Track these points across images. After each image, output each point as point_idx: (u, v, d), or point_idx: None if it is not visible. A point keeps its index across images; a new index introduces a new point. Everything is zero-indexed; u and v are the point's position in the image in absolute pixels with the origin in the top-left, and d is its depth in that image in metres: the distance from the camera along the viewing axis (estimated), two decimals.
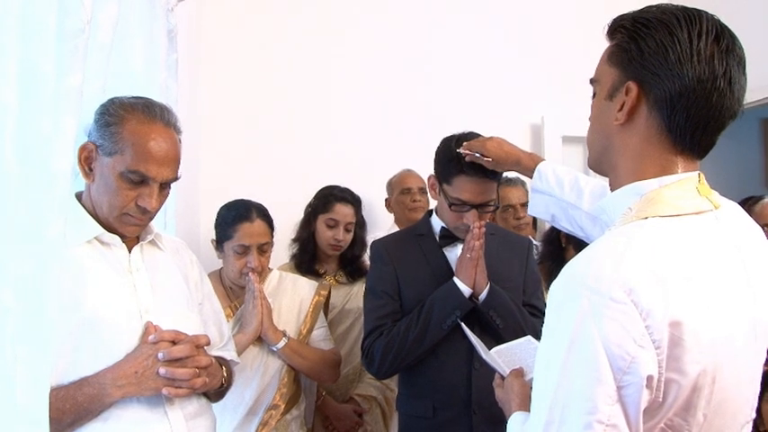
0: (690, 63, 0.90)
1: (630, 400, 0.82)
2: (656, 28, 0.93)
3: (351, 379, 2.65)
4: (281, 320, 2.19)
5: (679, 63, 0.90)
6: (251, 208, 2.20)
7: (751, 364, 0.95)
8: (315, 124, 3.53)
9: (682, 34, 0.91)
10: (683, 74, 0.90)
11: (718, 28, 0.93)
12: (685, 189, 0.94)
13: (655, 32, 0.93)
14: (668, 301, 0.82)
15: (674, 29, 0.92)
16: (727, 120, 0.95)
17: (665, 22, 0.93)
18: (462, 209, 1.83)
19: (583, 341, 0.83)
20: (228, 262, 2.19)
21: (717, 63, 0.91)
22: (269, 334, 2.11)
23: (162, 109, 1.46)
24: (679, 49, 0.91)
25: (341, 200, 2.68)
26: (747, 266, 0.95)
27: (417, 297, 1.88)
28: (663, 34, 0.92)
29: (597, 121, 1.05)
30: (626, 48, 0.97)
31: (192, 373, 1.40)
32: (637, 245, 0.87)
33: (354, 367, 2.63)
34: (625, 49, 0.97)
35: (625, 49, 0.97)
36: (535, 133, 3.95)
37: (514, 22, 3.94)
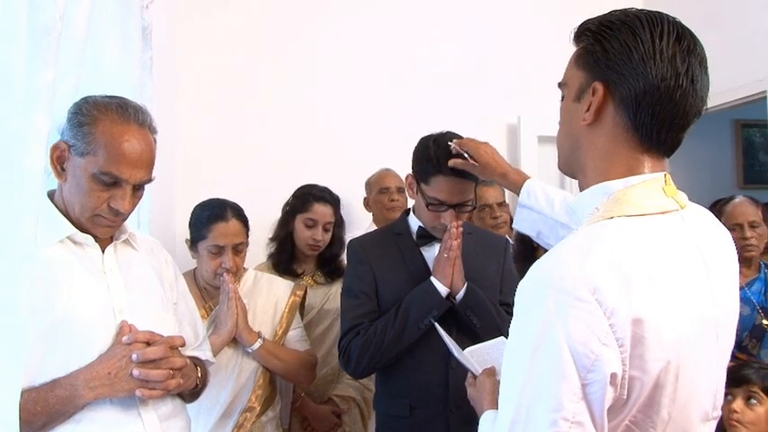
0: (653, 62, 0.93)
1: (595, 398, 0.83)
2: (620, 29, 0.96)
3: (329, 380, 2.64)
4: (256, 321, 2.17)
5: (643, 62, 0.93)
6: (226, 207, 2.17)
7: (713, 363, 0.97)
8: (293, 123, 3.52)
9: (644, 35, 0.94)
10: (647, 72, 0.93)
11: (679, 29, 0.96)
12: (651, 189, 0.96)
13: (618, 34, 0.96)
14: (631, 300, 0.84)
15: (637, 30, 0.94)
16: (692, 117, 0.97)
17: (629, 23, 0.96)
18: (440, 208, 1.84)
19: (548, 340, 0.84)
20: (203, 262, 2.16)
21: (679, 62, 0.93)
22: (244, 335, 2.09)
23: (136, 109, 1.43)
24: (642, 49, 0.93)
25: (319, 199, 2.66)
26: (709, 266, 0.97)
27: (394, 296, 1.88)
28: (626, 35, 0.95)
29: (566, 123, 1.07)
30: (592, 50, 0.99)
31: (167, 375, 1.39)
32: (602, 244, 0.89)
33: (333, 368, 2.63)
34: (591, 51, 0.99)
35: (591, 51, 0.99)
36: (511, 133, 3.98)
37: (491, 22, 3.96)
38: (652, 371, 0.86)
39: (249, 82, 3.47)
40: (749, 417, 2.03)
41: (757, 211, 2.75)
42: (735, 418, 2.03)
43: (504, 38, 3.91)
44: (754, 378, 2.07)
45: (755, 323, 2.60)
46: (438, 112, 3.51)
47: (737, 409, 2.04)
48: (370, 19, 3.76)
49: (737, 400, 2.05)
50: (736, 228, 2.72)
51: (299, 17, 3.61)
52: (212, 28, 3.43)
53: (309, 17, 3.64)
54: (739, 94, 3.52)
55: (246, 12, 3.51)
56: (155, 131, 1.50)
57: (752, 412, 2.03)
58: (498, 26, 3.94)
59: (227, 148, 3.37)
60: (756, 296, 2.66)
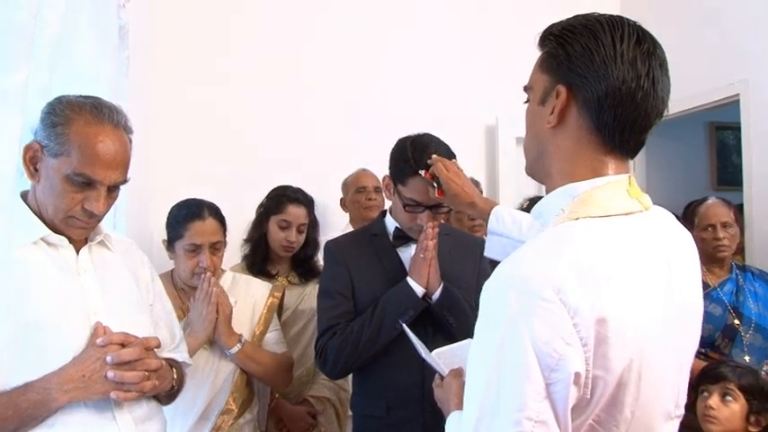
0: (614, 64, 0.94)
1: (559, 397, 0.84)
2: (582, 33, 0.97)
3: (304, 381, 2.64)
4: (234, 322, 2.15)
5: (604, 65, 0.94)
6: (202, 206, 2.16)
7: (676, 362, 0.99)
8: (269, 124, 3.51)
9: (605, 38, 0.95)
10: (609, 75, 0.94)
11: (639, 32, 0.98)
12: (616, 191, 0.98)
13: (580, 37, 0.97)
14: (595, 300, 0.85)
15: (599, 33, 0.96)
16: (653, 118, 0.98)
17: (590, 27, 0.97)
18: (416, 209, 1.84)
19: (512, 339, 0.85)
20: (180, 262, 2.15)
21: (639, 64, 0.95)
22: (224, 338, 2.07)
23: (111, 109, 1.42)
24: (603, 51, 0.95)
25: (293, 201, 2.66)
26: (673, 267, 0.98)
27: (371, 297, 1.88)
28: (588, 39, 0.96)
29: (531, 127, 1.09)
30: (555, 54, 1.01)
31: (142, 376, 1.38)
32: (566, 245, 0.90)
33: (308, 369, 2.62)
34: (554, 54, 1.01)
35: (554, 55, 1.01)
36: (489, 134, 4.00)
37: (469, 23, 3.97)
38: (615, 370, 0.87)
39: (226, 82, 3.45)
40: (725, 413, 2.07)
41: (729, 212, 2.79)
42: (711, 415, 2.07)
43: (482, 39, 3.92)
44: (730, 376, 2.11)
45: (727, 323, 2.62)
46: (416, 113, 3.53)
47: (714, 406, 2.08)
48: (347, 19, 3.75)
49: (714, 397, 2.10)
50: (709, 228, 2.76)
51: (276, 17, 3.60)
52: (190, 27, 3.41)
53: (287, 17, 3.63)
54: (713, 97, 3.57)
55: (224, 11, 3.50)
56: (130, 132, 1.48)
57: (727, 409, 2.07)
58: (476, 27, 3.96)
59: (204, 149, 3.35)
60: (728, 296, 2.69)
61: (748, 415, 2.07)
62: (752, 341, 2.60)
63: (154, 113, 3.17)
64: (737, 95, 3.40)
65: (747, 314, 2.65)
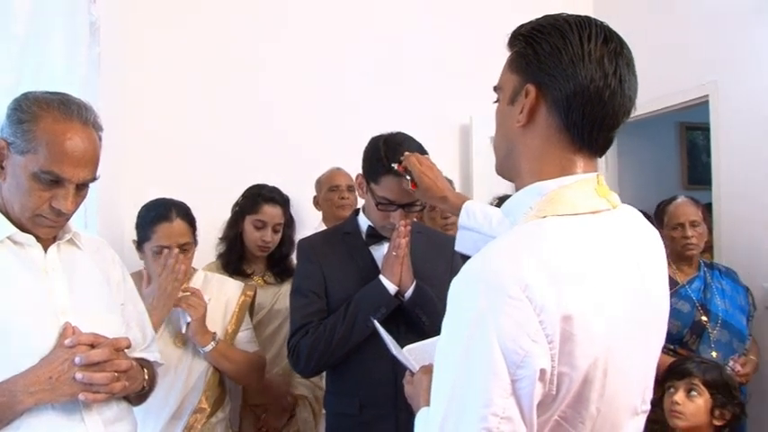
0: (582, 63, 0.95)
1: (524, 393, 0.84)
2: (550, 33, 0.98)
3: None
4: (207, 321, 2.13)
5: (572, 64, 0.95)
6: (170, 207, 2.13)
7: (642, 359, 1.00)
8: (244, 122, 3.50)
9: (573, 38, 0.96)
10: (577, 74, 0.95)
11: (606, 32, 0.99)
12: (584, 189, 0.99)
13: (549, 37, 0.98)
14: (561, 297, 0.85)
15: (566, 33, 0.97)
16: (621, 117, 0.99)
17: (558, 27, 0.98)
18: (389, 208, 1.85)
19: (479, 336, 0.85)
20: (149, 263, 2.13)
21: (607, 63, 0.96)
22: (198, 336, 2.06)
23: (80, 106, 1.39)
24: (571, 51, 0.96)
25: (269, 200, 2.65)
26: (640, 264, 1.00)
27: (344, 295, 1.88)
28: (556, 38, 0.97)
29: (501, 126, 1.09)
30: (524, 53, 1.01)
31: (111, 378, 1.36)
32: (534, 242, 0.91)
33: (284, 368, 2.61)
34: (523, 54, 1.02)
35: (523, 55, 1.02)
36: (464, 133, 4.02)
37: (444, 23, 3.99)
38: (581, 367, 0.87)
39: (200, 79, 3.43)
40: (690, 408, 2.11)
41: (697, 211, 2.84)
42: (676, 410, 2.11)
43: (456, 39, 3.94)
44: (695, 371, 2.15)
45: (695, 320, 2.67)
46: (390, 112, 3.53)
47: (679, 401, 2.12)
48: (322, 18, 3.75)
49: (679, 393, 2.13)
50: (678, 227, 2.81)
51: (250, 15, 3.59)
52: (163, 24, 3.38)
53: (261, 15, 3.61)
54: (683, 98, 3.62)
55: (197, 8, 3.47)
56: (100, 129, 1.45)
57: (692, 404, 2.11)
58: (451, 27, 3.97)
59: (177, 147, 3.32)
60: (696, 293, 2.74)
61: (713, 409, 2.11)
62: (719, 337, 2.65)
63: (126, 111, 3.14)
64: (707, 96, 3.45)
65: (714, 311, 2.70)
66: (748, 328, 2.76)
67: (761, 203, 3.14)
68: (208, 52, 3.47)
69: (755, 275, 3.07)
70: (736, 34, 3.27)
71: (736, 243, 3.28)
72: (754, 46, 3.17)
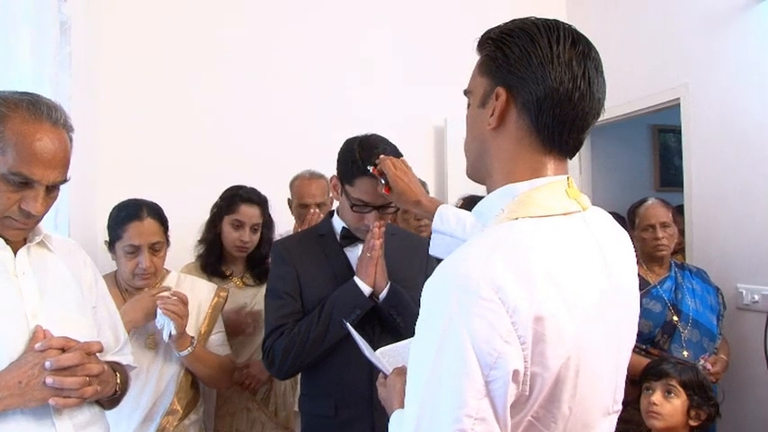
0: (551, 66, 0.96)
1: (498, 395, 0.85)
2: (519, 36, 1.00)
3: None
4: None
5: (541, 66, 0.97)
6: (141, 206, 2.13)
7: (613, 358, 1.02)
8: (218, 121, 3.48)
9: (542, 41, 0.98)
10: (546, 76, 0.97)
11: (574, 35, 1.00)
12: (555, 191, 1.00)
13: (518, 40, 0.99)
14: (533, 298, 0.86)
15: (535, 36, 0.98)
16: (591, 118, 1.01)
17: (527, 30, 1.00)
18: (364, 209, 1.85)
19: (452, 338, 0.85)
20: (120, 263, 2.12)
21: (575, 65, 0.97)
22: (179, 340, 2.05)
23: (49, 107, 1.37)
24: (540, 53, 0.97)
25: (246, 201, 2.64)
26: (610, 266, 1.01)
27: (318, 297, 1.88)
28: (525, 41, 0.99)
29: (472, 130, 1.10)
30: (493, 56, 1.03)
31: (82, 382, 1.35)
32: (505, 244, 0.91)
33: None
34: (493, 57, 1.03)
35: (493, 58, 1.03)
36: (438, 135, 4.04)
37: (418, 24, 4.01)
38: (553, 367, 0.88)
39: (175, 78, 3.41)
40: (667, 409, 2.14)
41: (668, 213, 2.88)
42: (654, 410, 2.14)
43: (431, 40, 3.96)
44: (672, 372, 2.18)
45: (666, 319, 2.71)
46: (365, 113, 3.54)
47: (657, 402, 2.15)
48: (297, 18, 3.75)
49: (657, 394, 2.16)
50: (649, 228, 2.85)
51: (224, 14, 3.57)
52: (136, 23, 3.35)
53: (235, 14, 3.60)
54: (655, 101, 3.68)
55: (171, 7, 3.45)
56: (71, 130, 1.43)
57: (669, 404, 2.14)
58: (425, 29, 3.99)
59: (151, 148, 3.30)
60: (667, 294, 2.78)
61: (689, 410, 2.15)
62: (689, 337, 2.70)
63: (98, 111, 3.11)
64: (678, 99, 3.51)
65: (685, 311, 2.74)
66: (718, 327, 2.80)
67: (731, 205, 3.19)
68: (182, 51, 3.45)
69: (726, 276, 3.13)
70: (707, 38, 3.33)
71: (707, 244, 3.34)
72: (725, 49, 3.23)
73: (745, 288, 3.09)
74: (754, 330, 3.01)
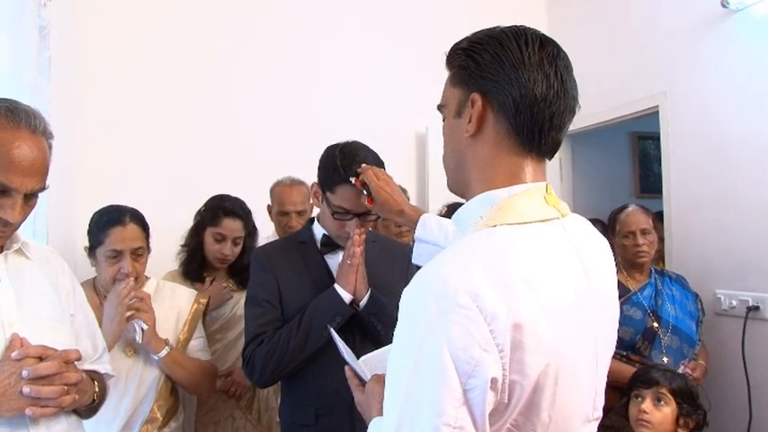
0: (523, 67, 0.99)
1: (476, 403, 0.85)
2: (488, 43, 1.02)
3: None
4: (159, 329, 2.12)
5: (514, 69, 0.99)
6: (123, 212, 2.12)
7: (593, 365, 1.02)
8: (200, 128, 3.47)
9: (512, 45, 1.00)
10: (520, 77, 0.98)
11: (542, 38, 1.03)
12: (533, 198, 1.01)
13: (488, 47, 1.02)
14: (511, 306, 0.87)
15: (504, 41, 1.01)
16: (567, 116, 1.03)
17: (496, 37, 1.02)
18: (345, 217, 1.86)
19: (430, 346, 0.86)
20: (101, 269, 2.11)
21: (547, 65, 1.00)
22: (152, 343, 2.05)
23: (28, 114, 1.36)
24: (511, 57, 0.99)
25: (229, 214, 2.64)
26: (589, 272, 1.02)
27: (298, 304, 1.88)
28: (495, 47, 1.01)
29: (450, 141, 1.12)
30: (465, 65, 1.04)
31: (60, 391, 1.34)
32: (483, 251, 0.92)
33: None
34: (464, 67, 1.05)
35: (464, 67, 1.05)
36: (420, 142, 4.06)
37: (400, 31, 4.02)
38: (531, 375, 0.89)
39: (155, 85, 3.40)
40: (657, 417, 2.15)
41: (648, 220, 2.91)
42: (644, 418, 2.14)
43: (413, 47, 3.97)
44: (662, 380, 2.19)
45: (647, 326, 2.73)
46: (346, 120, 3.54)
47: (647, 410, 2.15)
48: (278, 26, 3.75)
49: (647, 402, 2.17)
50: (629, 235, 2.88)
51: (205, 20, 3.56)
52: (117, 28, 3.33)
53: (215, 21, 3.59)
54: (634, 108, 3.73)
55: (152, 12, 3.43)
56: (50, 137, 1.42)
57: (659, 412, 2.15)
58: (407, 35, 4.01)
59: (132, 154, 3.28)
60: (648, 300, 2.81)
61: (678, 418, 2.16)
62: (669, 343, 2.72)
63: (78, 117, 3.09)
64: (657, 107, 3.55)
65: (665, 317, 2.77)
66: (698, 333, 2.83)
67: (710, 212, 3.23)
68: (164, 56, 3.43)
69: (705, 282, 3.17)
70: (685, 46, 3.38)
71: (686, 251, 3.38)
72: (703, 58, 3.29)
73: (723, 294, 3.13)
74: (731, 335, 3.06)
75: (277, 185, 3.13)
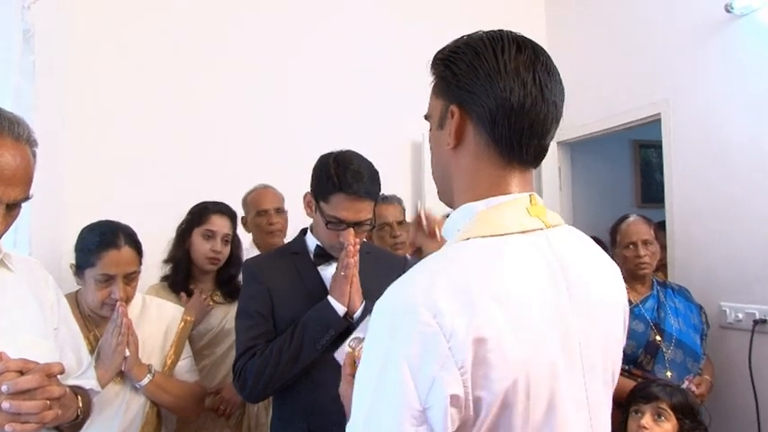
0: (498, 76, 0.99)
1: (437, 420, 0.85)
2: (465, 52, 1.02)
3: None
4: (145, 350, 2.09)
5: (489, 78, 0.99)
6: (118, 233, 2.05)
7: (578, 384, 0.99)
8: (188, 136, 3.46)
9: (487, 53, 1.00)
10: (495, 87, 0.99)
11: (519, 42, 1.02)
12: (514, 209, 1.01)
13: (464, 56, 1.02)
14: (472, 321, 0.86)
15: (480, 50, 1.01)
16: (549, 123, 1.02)
17: (472, 45, 1.03)
18: (338, 227, 1.86)
19: (391, 363, 0.87)
20: (89, 290, 2.05)
21: (523, 72, 0.99)
22: (134, 370, 2.02)
23: (11, 121, 1.34)
24: (486, 66, 0.99)
25: (217, 212, 2.66)
26: (572, 284, 1.00)
27: (291, 317, 1.88)
28: (471, 56, 1.01)
29: (435, 153, 1.13)
30: (443, 76, 1.06)
31: (42, 406, 1.32)
32: (452, 266, 0.93)
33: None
34: (443, 77, 1.06)
35: (443, 78, 1.06)
36: (415, 150, 4.07)
37: (396, 37, 4.04)
38: (497, 391, 0.88)
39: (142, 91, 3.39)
40: None
41: (650, 230, 2.92)
42: None
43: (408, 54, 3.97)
44: (662, 395, 2.18)
45: (649, 339, 2.73)
46: (342, 129, 3.55)
47: (647, 426, 2.15)
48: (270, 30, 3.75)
49: (647, 417, 2.17)
50: (630, 246, 2.89)
51: (195, 25, 3.57)
52: (104, 32, 3.33)
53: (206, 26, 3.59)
54: (636, 116, 3.74)
55: (141, 15, 3.44)
56: (34, 145, 1.41)
57: (660, 428, 2.15)
58: (403, 42, 4.02)
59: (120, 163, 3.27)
60: (650, 313, 2.81)
61: None
62: (673, 357, 2.72)
63: (64, 123, 3.08)
64: (659, 114, 3.57)
65: (669, 330, 2.77)
66: (702, 347, 2.83)
67: (714, 221, 3.24)
68: (150, 62, 3.43)
69: (709, 294, 3.17)
70: (688, 53, 3.41)
71: (689, 262, 3.39)
72: (706, 64, 3.30)
73: (728, 306, 3.14)
74: (738, 350, 3.06)
75: (250, 192, 3.17)
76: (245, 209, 3.17)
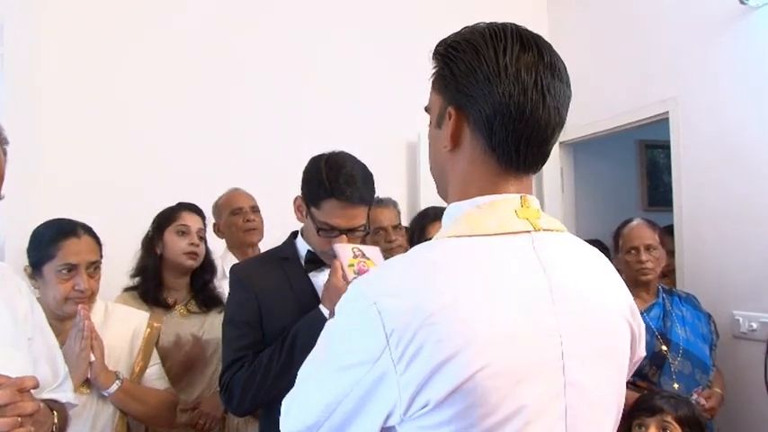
0: (498, 80, 0.96)
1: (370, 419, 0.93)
2: (465, 50, 1.00)
3: None
4: (111, 358, 2.06)
5: (488, 82, 0.97)
6: (75, 224, 2.06)
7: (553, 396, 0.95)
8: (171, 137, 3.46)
9: (488, 53, 0.98)
10: (493, 92, 0.97)
11: (523, 40, 0.99)
12: (499, 210, 1.00)
13: (463, 55, 1.00)
14: (423, 322, 0.87)
15: (480, 48, 0.99)
16: (551, 129, 1.01)
17: (472, 42, 1.00)
18: (331, 234, 1.85)
19: (334, 355, 0.97)
20: (50, 287, 2.01)
21: (525, 75, 0.97)
22: (100, 377, 1.99)
23: None
24: (486, 68, 0.97)
25: (186, 209, 2.68)
26: (556, 288, 0.97)
27: (281, 326, 1.85)
28: (470, 55, 0.99)
29: (432, 150, 1.12)
30: (442, 73, 1.04)
31: (13, 423, 1.30)
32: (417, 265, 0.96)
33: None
34: (441, 74, 1.05)
35: (442, 75, 1.04)
36: (411, 150, 4.08)
37: (391, 38, 4.05)
38: (443, 392, 0.87)
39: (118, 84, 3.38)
40: None
41: (654, 235, 2.90)
42: None
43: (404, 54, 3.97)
44: (667, 407, 2.17)
45: (655, 350, 2.71)
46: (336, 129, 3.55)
47: None
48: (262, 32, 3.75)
49: (651, 430, 2.15)
50: (633, 251, 2.87)
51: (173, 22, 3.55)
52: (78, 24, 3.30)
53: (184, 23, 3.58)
54: (643, 115, 3.74)
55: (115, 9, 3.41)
56: (5, 142, 1.42)
57: None
58: (398, 41, 4.03)
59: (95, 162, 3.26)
60: (655, 322, 2.79)
61: None
62: (680, 368, 2.70)
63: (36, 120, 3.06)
64: (666, 113, 3.57)
65: (675, 340, 2.75)
66: (712, 358, 2.80)
67: (725, 225, 3.23)
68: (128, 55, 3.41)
69: (721, 302, 3.15)
70: (697, 49, 3.40)
71: (699, 268, 3.37)
72: (715, 61, 3.30)
73: (741, 315, 3.13)
74: (752, 361, 3.02)
75: (221, 197, 3.18)
76: (217, 213, 3.15)
